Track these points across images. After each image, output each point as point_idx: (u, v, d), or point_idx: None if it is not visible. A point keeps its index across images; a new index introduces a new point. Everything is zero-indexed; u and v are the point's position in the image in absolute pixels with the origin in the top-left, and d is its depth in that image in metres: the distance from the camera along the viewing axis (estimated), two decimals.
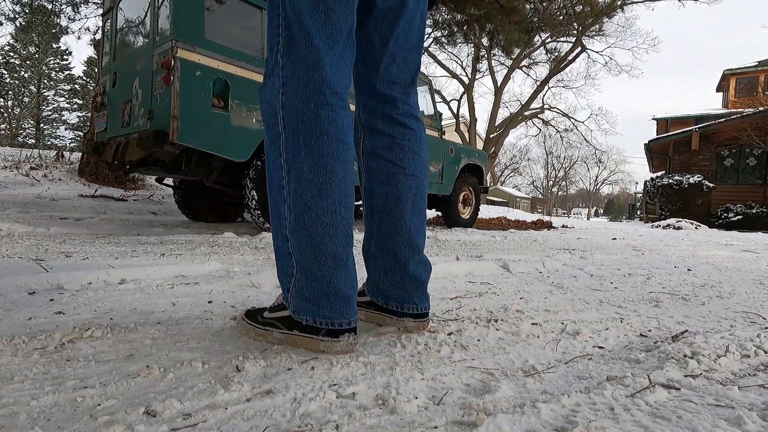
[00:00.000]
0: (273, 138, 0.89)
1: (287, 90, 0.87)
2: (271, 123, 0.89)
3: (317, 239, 0.85)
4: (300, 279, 0.87)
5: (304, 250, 0.86)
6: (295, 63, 0.87)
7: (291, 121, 0.86)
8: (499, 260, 2.33)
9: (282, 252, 0.90)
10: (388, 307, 1.05)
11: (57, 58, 31.18)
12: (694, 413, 0.64)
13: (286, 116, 0.87)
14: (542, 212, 44.21)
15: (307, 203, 0.85)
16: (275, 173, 0.89)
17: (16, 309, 1.09)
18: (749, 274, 2.32)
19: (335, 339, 0.86)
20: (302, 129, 0.86)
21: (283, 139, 0.87)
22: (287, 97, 0.86)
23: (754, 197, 12.33)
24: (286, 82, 0.87)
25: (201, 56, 3.08)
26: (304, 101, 0.86)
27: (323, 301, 0.87)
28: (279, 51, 0.89)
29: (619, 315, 1.29)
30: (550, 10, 11.34)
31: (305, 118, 0.86)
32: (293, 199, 0.86)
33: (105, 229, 3.36)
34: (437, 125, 5.41)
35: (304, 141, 0.86)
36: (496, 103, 19.18)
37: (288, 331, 0.90)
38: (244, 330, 0.96)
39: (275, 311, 0.94)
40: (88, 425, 0.57)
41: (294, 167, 0.86)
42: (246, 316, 0.97)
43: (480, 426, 0.59)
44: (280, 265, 0.92)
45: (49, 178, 6.65)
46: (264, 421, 0.60)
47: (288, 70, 0.87)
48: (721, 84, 19.79)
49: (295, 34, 0.87)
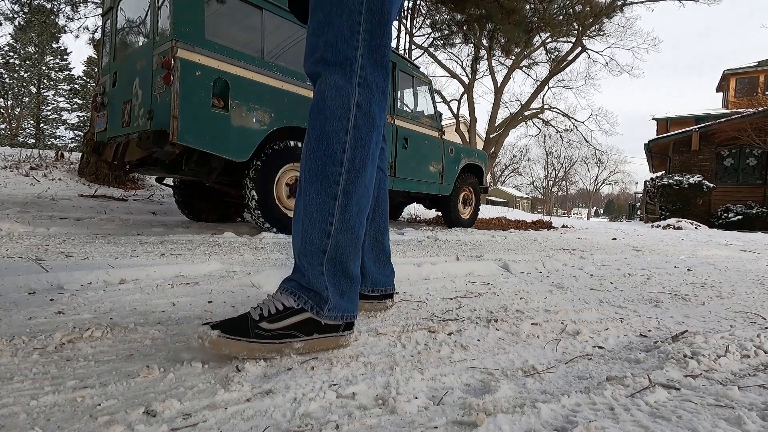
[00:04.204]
0: (335, 129, 0.86)
1: (366, 93, 0.87)
2: (337, 114, 0.86)
3: (358, 240, 0.90)
4: (337, 277, 0.89)
5: (347, 249, 0.88)
6: (376, 68, 0.88)
7: (365, 127, 0.87)
8: (499, 260, 2.32)
9: (316, 248, 0.86)
10: (374, 293, 1.19)
11: (56, 58, 31.17)
12: (694, 413, 0.64)
13: (360, 118, 0.87)
14: (542, 212, 44.21)
15: (361, 207, 0.89)
16: (330, 168, 0.86)
17: (16, 309, 1.09)
18: (749, 274, 2.32)
19: (351, 331, 0.92)
20: (372, 139, 0.89)
21: (352, 137, 0.86)
22: (365, 100, 0.87)
23: (754, 197, 12.33)
24: (367, 84, 0.87)
25: (201, 56, 3.08)
26: (379, 113, 0.90)
27: (351, 296, 0.91)
28: (360, 47, 0.87)
29: (619, 315, 1.29)
30: (550, 10, 11.34)
31: (377, 130, 0.90)
32: (350, 200, 0.87)
33: (105, 229, 3.36)
34: (437, 125, 5.41)
35: (370, 151, 0.89)
36: (496, 103, 19.18)
37: (308, 337, 0.85)
38: (240, 350, 0.79)
39: (280, 319, 0.83)
40: (88, 425, 0.57)
41: (355, 170, 0.87)
42: (229, 333, 0.79)
43: (480, 426, 0.59)
44: (308, 261, 0.86)
45: (49, 178, 6.64)
46: (264, 421, 0.60)
47: (369, 72, 0.88)
48: (721, 84, 19.79)
49: (381, 36, 0.88)
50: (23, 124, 30.34)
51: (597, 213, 66.24)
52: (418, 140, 4.97)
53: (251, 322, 0.82)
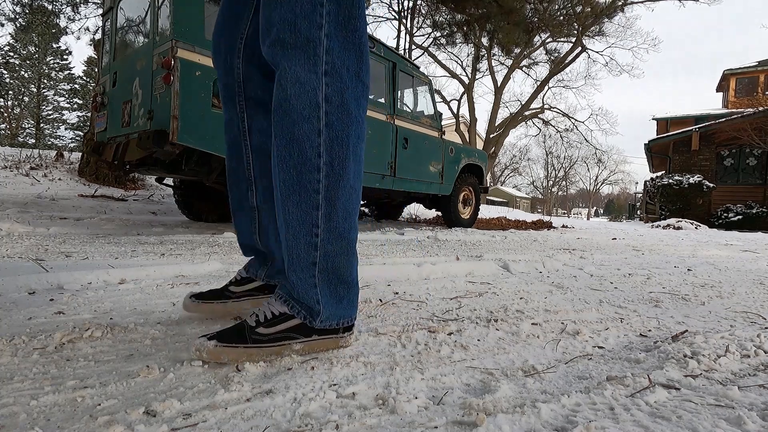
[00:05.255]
0: (305, 132, 0.75)
1: (335, 83, 0.74)
2: (304, 114, 0.74)
3: (351, 245, 0.83)
4: (332, 285, 0.84)
5: (339, 257, 0.82)
6: (347, 49, 0.73)
7: (340, 123, 0.75)
8: (499, 260, 2.32)
9: (304, 262, 0.81)
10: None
11: (57, 58, 31.19)
12: (694, 413, 0.64)
13: (332, 114, 0.75)
14: (542, 212, 44.21)
15: (348, 211, 0.80)
16: (307, 176, 0.76)
17: (16, 309, 1.09)
18: (749, 274, 2.32)
19: (351, 332, 0.90)
20: (352, 134, 0.77)
21: (326, 138, 0.75)
22: (335, 92, 0.74)
23: (754, 197, 12.33)
24: (336, 71, 0.73)
25: (201, 56, 3.08)
26: (355, 102, 0.76)
27: (351, 299, 0.88)
28: (324, 24, 0.72)
29: (619, 315, 1.29)
30: (550, 10, 11.35)
31: (356, 123, 0.77)
32: (334, 207, 0.78)
33: (105, 229, 3.36)
34: (437, 125, 5.41)
35: (353, 148, 0.78)
36: (496, 103, 19.18)
37: (307, 338, 0.84)
38: (239, 356, 0.79)
39: (277, 323, 0.83)
40: (88, 425, 0.57)
41: (336, 174, 0.77)
42: (226, 341, 0.79)
43: (480, 426, 0.59)
44: (297, 275, 0.82)
45: (49, 178, 6.65)
46: (264, 421, 0.60)
47: (338, 55, 0.73)
48: (721, 84, 19.79)
49: (351, 5, 0.73)
50: (23, 124, 30.37)
51: (597, 213, 66.27)
52: (418, 140, 4.97)
53: (248, 329, 0.81)
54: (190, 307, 1.04)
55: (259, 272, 1.07)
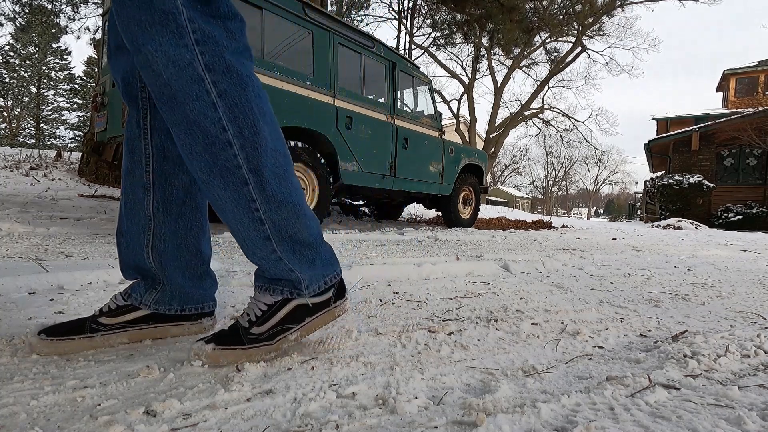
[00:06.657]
0: (200, 112, 0.70)
1: (211, 48, 0.69)
2: (191, 94, 0.69)
3: (298, 206, 0.79)
4: (296, 252, 0.80)
5: (289, 222, 0.78)
6: (207, 13, 0.70)
7: (233, 87, 0.71)
8: (499, 260, 2.33)
9: (256, 241, 0.78)
10: (186, 311, 0.92)
11: (57, 58, 31.19)
12: (694, 413, 0.64)
13: (221, 82, 0.70)
14: (542, 212, 44.22)
15: (280, 173, 0.76)
16: (221, 154, 0.72)
17: (16, 309, 1.09)
18: (749, 274, 2.32)
19: (343, 299, 0.88)
20: (251, 95, 0.73)
21: (224, 108, 0.71)
22: (214, 59, 0.69)
23: (754, 197, 12.33)
24: (208, 36, 0.69)
25: None
26: (239, 61, 0.72)
27: (323, 257, 0.84)
28: None
29: (619, 315, 1.29)
30: (550, 10, 11.35)
31: (250, 81, 0.73)
32: (262, 176, 0.74)
33: (105, 229, 3.36)
34: (437, 125, 5.41)
35: (257, 109, 0.73)
36: (496, 103, 19.18)
37: (301, 324, 0.84)
38: (239, 358, 0.79)
39: (268, 318, 0.82)
40: (88, 425, 0.57)
41: (250, 140, 0.73)
42: (224, 344, 0.78)
43: (480, 426, 0.59)
44: (258, 256, 0.80)
45: (49, 178, 6.65)
46: (264, 421, 0.60)
47: (202, 20, 0.69)
48: (721, 84, 19.79)
49: None
50: (23, 124, 30.37)
51: (597, 213, 66.29)
52: (418, 140, 4.97)
53: (242, 330, 0.81)
54: (38, 347, 0.79)
55: (145, 298, 0.89)
